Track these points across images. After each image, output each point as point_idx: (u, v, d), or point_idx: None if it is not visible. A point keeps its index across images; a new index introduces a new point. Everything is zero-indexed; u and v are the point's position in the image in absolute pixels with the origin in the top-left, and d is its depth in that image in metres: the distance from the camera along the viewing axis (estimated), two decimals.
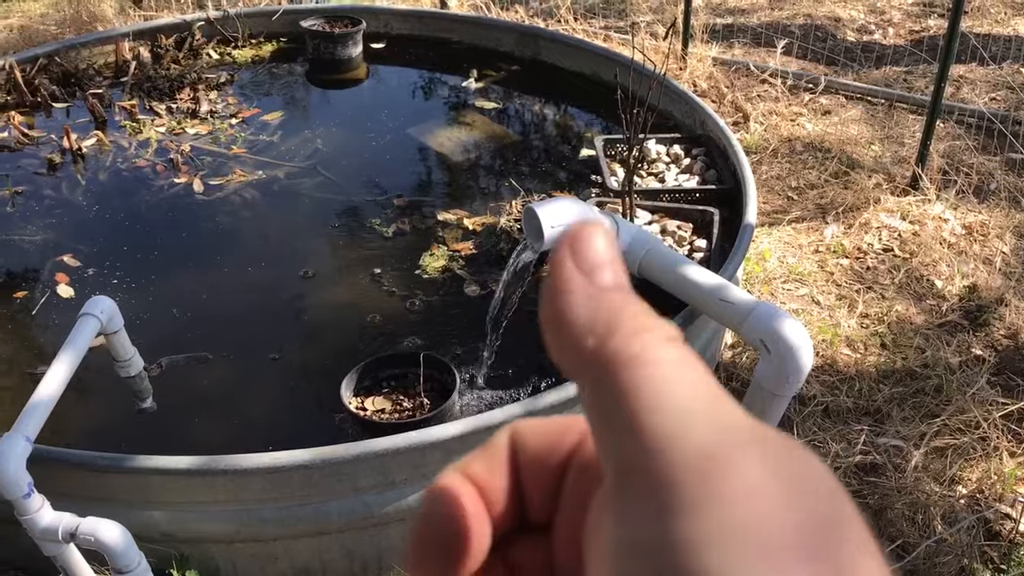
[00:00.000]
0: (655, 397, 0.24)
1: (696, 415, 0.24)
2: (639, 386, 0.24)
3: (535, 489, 0.30)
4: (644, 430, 0.23)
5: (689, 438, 0.23)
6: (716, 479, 0.22)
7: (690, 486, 0.22)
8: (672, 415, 0.23)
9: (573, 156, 3.88)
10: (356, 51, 4.69)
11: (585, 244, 0.27)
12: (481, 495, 0.30)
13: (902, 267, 3.49)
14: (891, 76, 5.04)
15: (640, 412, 0.24)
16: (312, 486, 2.19)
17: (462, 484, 0.30)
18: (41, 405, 2.01)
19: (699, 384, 0.24)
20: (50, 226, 3.40)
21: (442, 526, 0.29)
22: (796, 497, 0.22)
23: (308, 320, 2.93)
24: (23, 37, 5.51)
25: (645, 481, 0.23)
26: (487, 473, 0.30)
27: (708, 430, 0.23)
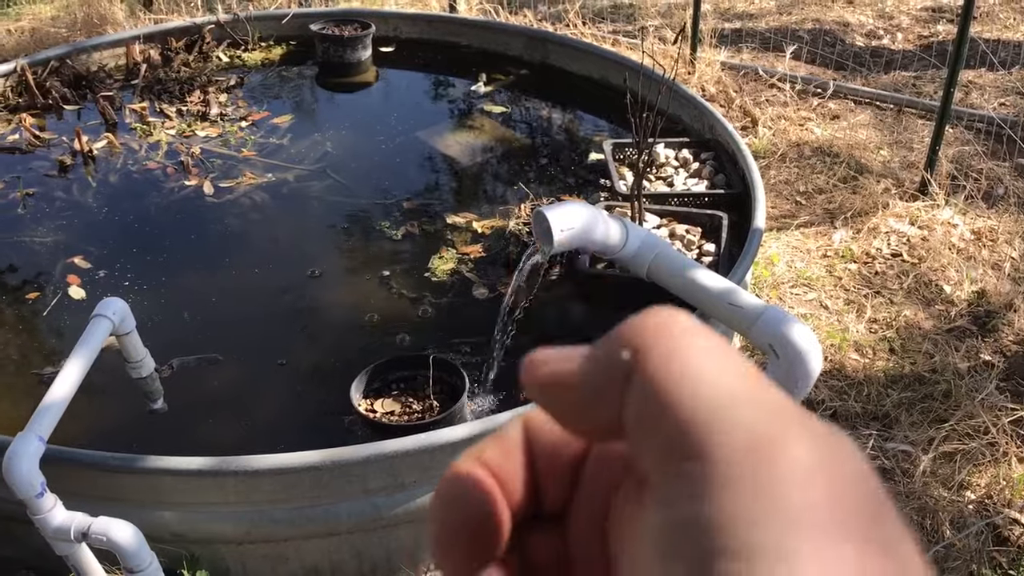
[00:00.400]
0: (701, 384, 0.24)
1: (740, 398, 0.24)
2: (684, 376, 0.24)
3: (549, 478, 0.31)
4: (693, 415, 0.24)
5: (736, 419, 0.23)
6: (766, 458, 0.23)
7: (739, 465, 0.23)
8: (717, 399, 0.24)
9: (582, 160, 3.89)
10: (365, 55, 4.71)
11: (544, 355, 0.28)
12: (498, 481, 0.30)
13: (911, 272, 3.49)
14: (900, 81, 5.04)
15: (688, 400, 0.24)
16: (322, 487, 2.20)
17: (480, 473, 0.30)
18: (54, 405, 2.02)
19: (738, 369, 0.25)
20: (61, 228, 3.42)
21: (470, 510, 0.29)
22: (842, 480, 0.23)
23: (317, 322, 2.94)
24: (34, 40, 5.54)
25: (692, 461, 0.23)
26: (503, 460, 0.30)
27: (755, 412, 0.24)
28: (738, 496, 0.22)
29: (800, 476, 0.22)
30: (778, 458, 0.23)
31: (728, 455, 0.23)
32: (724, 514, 0.22)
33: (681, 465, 0.23)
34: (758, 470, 0.22)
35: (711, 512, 0.22)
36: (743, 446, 0.23)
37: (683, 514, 0.23)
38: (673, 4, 6.27)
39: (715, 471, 0.23)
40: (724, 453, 0.23)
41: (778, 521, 0.22)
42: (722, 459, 0.23)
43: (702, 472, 0.23)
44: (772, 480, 0.22)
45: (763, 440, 0.23)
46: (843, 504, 0.22)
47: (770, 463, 0.23)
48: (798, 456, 0.23)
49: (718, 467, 0.23)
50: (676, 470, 0.23)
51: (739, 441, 0.23)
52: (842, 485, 0.23)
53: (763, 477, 0.22)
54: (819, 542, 0.21)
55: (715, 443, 0.23)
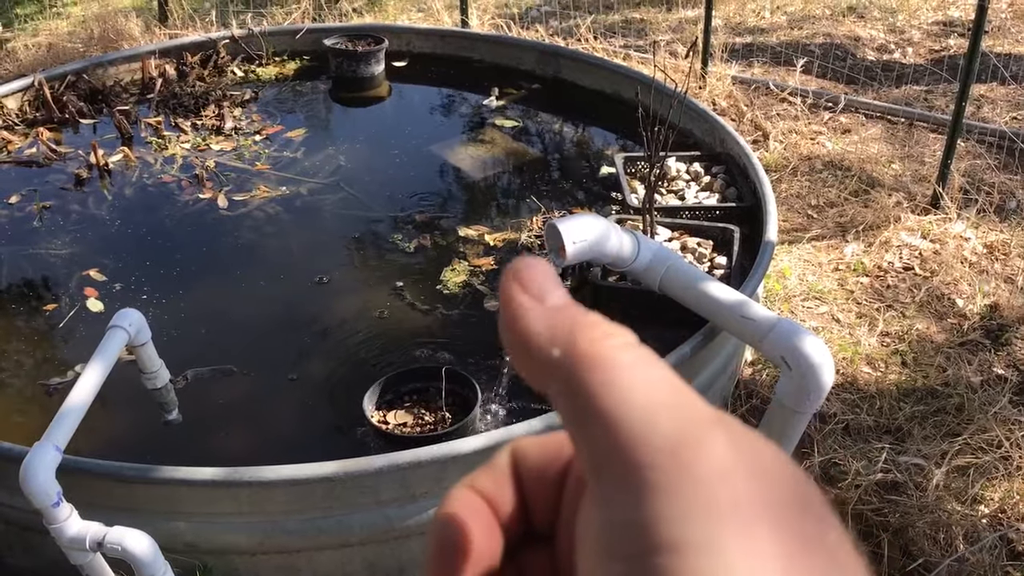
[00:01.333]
0: (623, 393, 0.26)
1: (662, 406, 0.26)
2: (608, 385, 0.26)
3: (537, 500, 0.33)
4: (616, 424, 0.25)
5: (658, 427, 0.25)
6: (687, 461, 0.24)
7: (663, 468, 0.24)
8: (641, 408, 0.26)
9: (593, 173, 3.90)
10: (378, 69, 4.74)
11: (529, 273, 0.30)
12: (490, 506, 0.32)
13: (923, 286, 3.48)
14: (911, 95, 5.05)
15: (611, 408, 0.26)
16: (335, 498, 2.21)
17: (473, 498, 0.32)
18: (71, 415, 2.04)
19: (662, 380, 0.27)
20: (77, 240, 3.45)
21: (460, 537, 0.31)
22: (760, 474, 0.25)
23: (330, 334, 2.95)
24: (51, 55, 5.60)
25: (621, 468, 0.25)
26: (494, 487, 0.32)
27: (675, 418, 0.25)
28: (664, 496, 0.24)
29: (721, 473, 0.24)
30: (699, 458, 0.24)
31: (652, 459, 0.25)
32: (653, 514, 0.24)
33: (611, 470, 0.25)
34: (681, 471, 0.24)
35: (641, 513, 0.24)
36: (666, 449, 0.25)
37: (617, 516, 0.25)
38: (684, 19, 6.30)
39: (641, 475, 0.24)
40: (648, 457, 0.25)
41: (704, 516, 0.23)
42: (647, 463, 0.24)
43: (630, 476, 0.25)
44: (695, 479, 0.24)
45: (683, 443, 0.25)
46: (766, 497, 0.24)
47: (691, 463, 0.24)
48: (717, 455, 0.25)
49: (643, 471, 0.24)
50: (607, 474, 0.25)
51: (661, 445, 0.25)
52: (763, 480, 0.24)
53: (686, 477, 0.24)
54: (745, 534, 0.23)
55: (639, 449, 0.25)
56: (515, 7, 6.40)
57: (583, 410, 0.26)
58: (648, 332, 2.78)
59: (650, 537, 0.23)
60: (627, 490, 0.25)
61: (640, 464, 0.25)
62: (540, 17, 6.23)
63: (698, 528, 0.23)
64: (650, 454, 0.25)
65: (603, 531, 0.25)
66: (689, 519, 0.23)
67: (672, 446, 0.25)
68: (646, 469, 0.24)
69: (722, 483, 0.24)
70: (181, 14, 5.94)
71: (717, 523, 0.23)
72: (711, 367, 2.73)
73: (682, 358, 2.45)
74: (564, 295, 0.30)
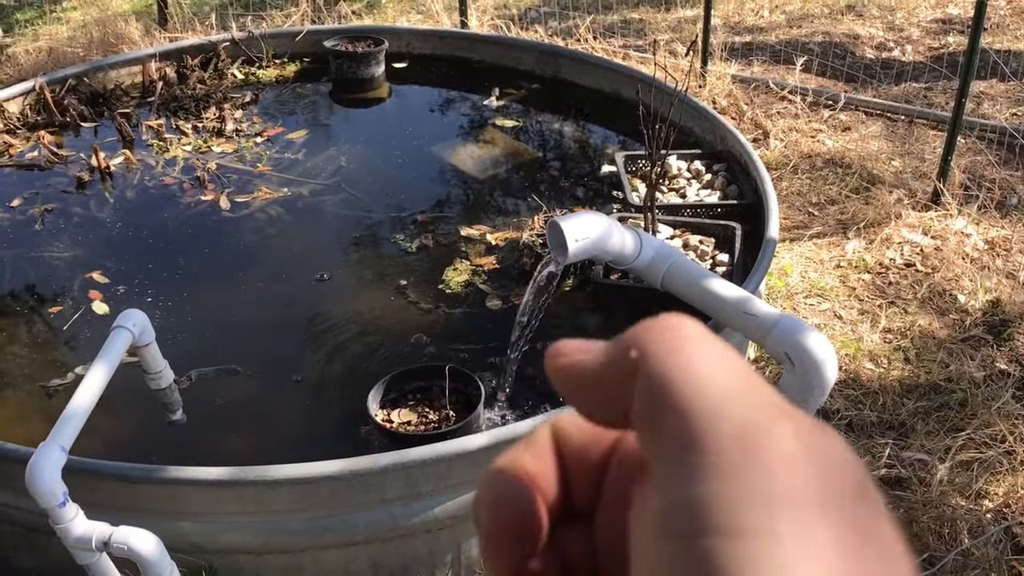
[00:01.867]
0: (697, 382, 0.27)
1: (735, 395, 0.26)
2: (684, 374, 0.27)
3: (579, 479, 0.33)
4: (689, 412, 0.26)
5: (729, 414, 0.26)
6: (753, 447, 0.25)
7: (729, 453, 0.25)
8: (714, 396, 0.26)
9: (594, 172, 3.91)
10: (379, 71, 4.75)
11: (567, 344, 0.31)
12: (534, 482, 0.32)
13: (924, 282, 3.49)
14: (911, 92, 5.05)
15: (685, 396, 0.26)
16: (340, 497, 2.21)
17: (520, 471, 0.32)
18: (76, 416, 2.04)
19: (736, 370, 0.27)
20: (79, 243, 3.46)
21: (516, 510, 0.31)
22: (822, 465, 0.25)
23: (333, 333, 2.96)
24: (51, 59, 5.61)
25: (688, 451, 0.25)
26: (537, 463, 0.33)
27: (746, 407, 0.26)
28: (726, 480, 0.24)
29: (784, 461, 0.25)
30: (763, 446, 0.25)
31: (719, 444, 0.25)
32: (713, 497, 0.24)
33: (678, 455, 0.26)
34: (745, 457, 0.25)
35: (701, 495, 0.24)
36: (733, 436, 0.25)
37: (677, 497, 0.25)
38: (683, 18, 6.31)
39: (707, 459, 0.25)
40: (715, 443, 0.25)
41: (762, 502, 0.24)
42: (713, 448, 0.25)
43: (696, 460, 0.25)
44: (757, 465, 0.24)
45: (751, 430, 0.25)
46: (825, 488, 0.24)
47: (756, 450, 0.25)
48: (782, 444, 0.25)
49: (710, 455, 0.25)
50: (674, 459, 0.26)
51: (729, 431, 0.25)
52: (824, 471, 0.25)
53: (749, 463, 0.24)
54: (800, 522, 0.23)
55: (708, 434, 0.25)
56: (514, 8, 6.41)
57: (659, 400, 0.27)
58: None
59: (707, 519, 0.24)
60: (690, 472, 0.25)
61: (707, 449, 0.25)
62: (539, 18, 6.24)
63: (756, 514, 0.24)
64: (718, 440, 0.25)
65: (660, 512, 0.25)
66: (748, 504, 0.24)
67: (740, 433, 0.25)
68: (712, 454, 0.25)
69: (784, 471, 0.24)
70: (181, 17, 5.95)
71: (775, 510, 0.24)
72: None
73: None
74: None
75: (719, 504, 0.24)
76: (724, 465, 0.24)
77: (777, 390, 0.27)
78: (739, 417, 0.26)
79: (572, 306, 3.00)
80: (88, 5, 6.99)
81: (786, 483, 0.24)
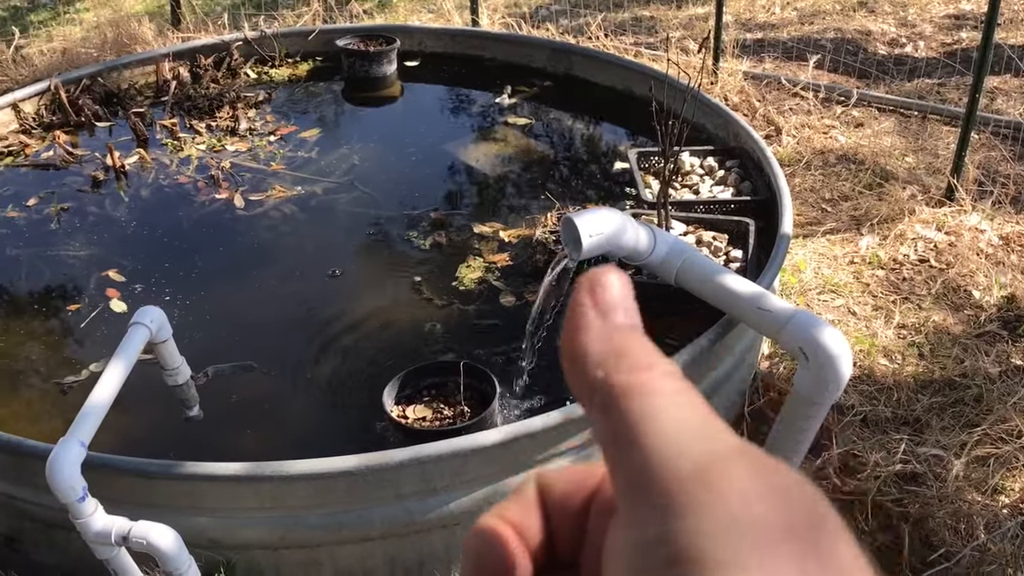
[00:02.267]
0: (656, 421, 0.28)
1: (691, 434, 0.28)
2: (642, 412, 0.28)
3: (562, 529, 0.34)
4: (647, 448, 0.27)
5: (686, 452, 0.27)
6: (713, 483, 0.26)
7: (689, 491, 0.26)
8: (671, 435, 0.28)
9: (606, 169, 3.91)
10: (391, 69, 4.76)
11: (602, 287, 0.32)
12: (519, 536, 0.34)
13: (938, 278, 3.48)
14: (924, 88, 5.03)
15: (644, 434, 0.28)
16: (356, 492, 2.22)
17: (503, 527, 0.33)
18: (94, 411, 2.06)
19: (694, 409, 0.29)
20: (95, 241, 3.48)
21: (496, 561, 0.33)
22: (778, 496, 0.26)
23: (348, 329, 2.97)
24: (66, 60, 5.64)
25: (650, 490, 0.27)
26: (521, 516, 0.34)
27: (702, 445, 0.27)
28: (688, 516, 0.25)
29: (743, 495, 0.26)
30: (723, 481, 0.26)
31: (680, 482, 0.26)
32: (678, 531, 0.25)
33: (641, 493, 0.27)
34: (705, 493, 0.26)
35: (665, 532, 0.25)
36: (694, 474, 0.26)
37: (643, 535, 0.26)
38: (694, 16, 6.30)
39: (669, 497, 0.26)
40: (676, 481, 0.26)
41: (726, 534, 0.25)
42: (675, 486, 0.26)
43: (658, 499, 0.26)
44: (719, 500, 0.26)
45: (709, 467, 0.27)
46: (785, 518, 0.26)
47: (716, 486, 0.26)
48: (741, 478, 0.26)
49: (671, 493, 0.26)
50: (636, 498, 0.27)
51: (690, 469, 0.27)
52: (783, 502, 0.26)
53: (712, 498, 0.26)
54: (764, 551, 0.25)
55: (669, 473, 0.27)
56: (525, 6, 6.42)
57: (618, 434, 0.28)
58: (664, 325, 2.79)
59: (675, 553, 0.25)
60: (655, 510, 0.26)
61: (669, 486, 0.26)
62: (550, 16, 6.24)
63: (721, 545, 0.25)
64: (679, 478, 0.26)
65: (630, 550, 0.27)
66: (712, 537, 0.25)
67: (700, 470, 0.26)
68: (674, 491, 0.26)
69: (745, 504, 0.25)
70: (193, 18, 5.98)
71: (739, 541, 0.25)
72: (728, 360, 2.73)
73: (700, 350, 2.45)
74: (630, 315, 0.32)
75: (683, 539, 0.25)
76: (686, 502, 0.26)
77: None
78: (698, 454, 0.27)
79: None
80: (101, 6, 7.02)
81: (747, 515, 0.25)
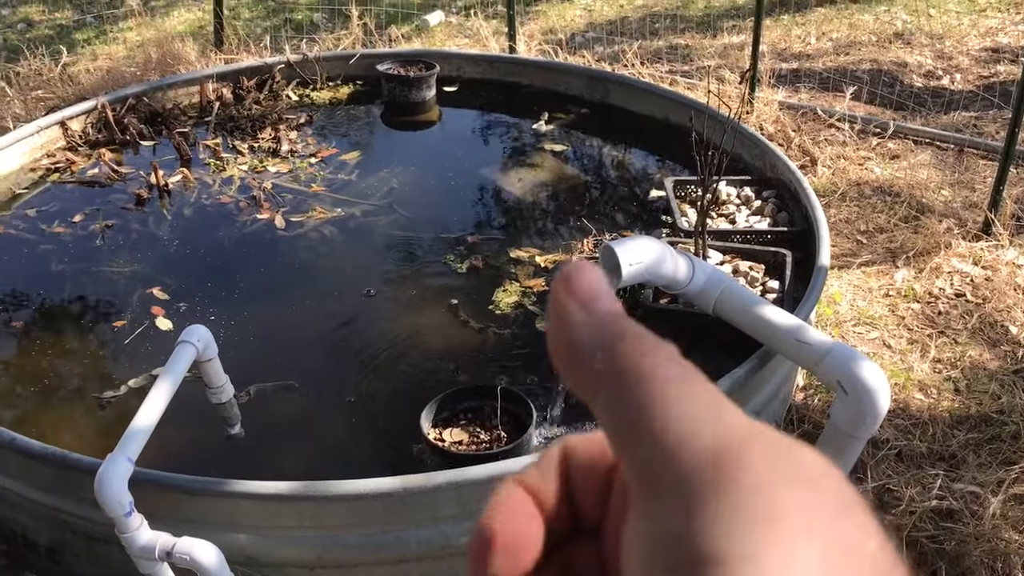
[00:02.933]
0: (665, 407, 0.27)
1: (703, 420, 0.26)
2: (650, 400, 0.27)
3: (585, 496, 0.34)
4: (659, 436, 0.26)
5: (699, 440, 0.26)
6: (727, 472, 0.25)
7: (704, 480, 0.25)
8: (682, 421, 0.26)
9: (642, 197, 3.93)
10: (430, 94, 4.82)
11: (578, 279, 0.31)
12: (535, 499, 0.34)
13: (975, 312, 3.46)
14: (960, 121, 5.03)
15: (654, 420, 0.27)
16: (394, 514, 2.24)
17: (517, 490, 0.34)
18: (142, 428, 2.11)
19: (703, 393, 0.28)
20: (139, 259, 3.55)
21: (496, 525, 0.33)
22: (800, 483, 0.25)
23: (387, 351, 3.00)
24: (110, 78, 5.76)
25: (664, 479, 0.26)
26: (539, 480, 0.34)
27: (715, 431, 0.26)
28: (707, 508, 0.24)
29: (760, 484, 0.25)
30: (739, 470, 0.25)
31: (694, 473, 0.25)
32: (696, 526, 0.24)
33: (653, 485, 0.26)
34: (722, 483, 0.25)
35: (685, 525, 0.24)
36: (707, 462, 0.25)
37: (661, 528, 0.25)
38: (729, 44, 6.33)
39: (683, 488, 0.25)
40: (690, 471, 0.25)
41: (745, 528, 0.24)
42: (689, 477, 0.25)
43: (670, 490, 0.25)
44: (732, 490, 0.25)
45: (724, 455, 0.25)
46: (805, 506, 0.24)
47: (732, 475, 0.25)
48: (757, 466, 0.25)
49: (686, 484, 0.25)
50: (650, 489, 0.26)
51: (703, 458, 0.25)
52: (803, 488, 0.25)
53: (727, 489, 0.25)
54: (781, 543, 0.24)
55: (681, 463, 0.25)
56: (560, 33, 6.48)
57: (625, 423, 0.27)
58: (701, 355, 2.80)
59: (694, 549, 0.24)
60: (670, 503, 0.25)
61: (682, 478, 0.25)
62: (586, 43, 6.30)
63: (739, 539, 0.24)
64: (692, 468, 0.25)
65: (648, 543, 0.26)
66: (731, 531, 0.24)
67: (713, 459, 0.25)
68: (688, 482, 0.25)
69: (762, 494, 0.24)
70: (236, 39, 6.09)
71: (757, 534, 0.24)
72: (764, 391, 2.74)
73: (736, 381, 2.46)
74: (611, 303, 0.31)
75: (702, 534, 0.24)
76: (702, 493, 0.25)
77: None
78: (710, 442, 0.26)
79: None
80: (144, 26, 7.17)
81: (764, 505, 0.24)
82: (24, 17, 7.79)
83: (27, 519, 2.56)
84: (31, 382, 2.94)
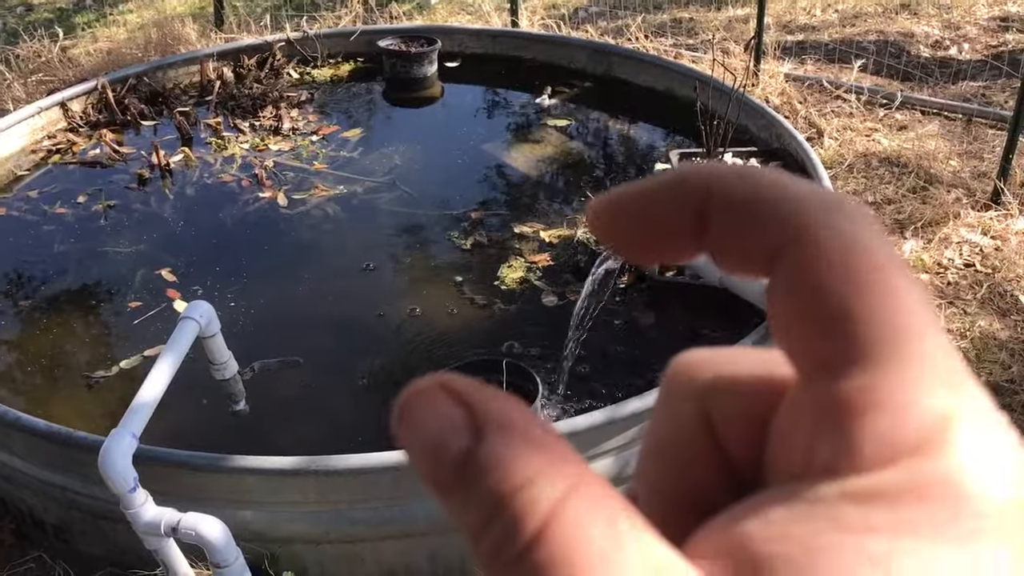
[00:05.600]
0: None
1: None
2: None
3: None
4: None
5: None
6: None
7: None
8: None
9: (647, 170, 3.90)
10: (431, 70, 4.79)
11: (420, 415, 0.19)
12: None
13: (984, 282, 3.43)
14: (969, 91, 4.97)
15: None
16: (400, 488, 2.24)
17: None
18: (145, 404, 2.09)
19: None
20: (142, 239, 3.53)
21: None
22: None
23: (391, 328, 2.99)
24: (111, 60, 5.72)
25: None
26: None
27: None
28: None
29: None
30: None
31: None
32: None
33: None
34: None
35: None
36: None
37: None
38: (733, 17, 6.26)
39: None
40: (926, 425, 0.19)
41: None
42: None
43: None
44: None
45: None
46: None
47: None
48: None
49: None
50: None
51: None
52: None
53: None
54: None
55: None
56: (564, 8, 6.42)
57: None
58: (708, 326, 2.78)
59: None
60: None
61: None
62: (589, 17, 6.24)
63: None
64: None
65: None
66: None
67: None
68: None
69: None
70: (236, 18, 6.04)
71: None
72: None
73: None
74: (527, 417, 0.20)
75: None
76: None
77: None
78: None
79: (627, 303, 3.00)
80: (144, 7, 7.12)
81: None
82: (23, 1, 7.74)
83: (34, 498, 2.56)
84: (36, 362, 2.94)
